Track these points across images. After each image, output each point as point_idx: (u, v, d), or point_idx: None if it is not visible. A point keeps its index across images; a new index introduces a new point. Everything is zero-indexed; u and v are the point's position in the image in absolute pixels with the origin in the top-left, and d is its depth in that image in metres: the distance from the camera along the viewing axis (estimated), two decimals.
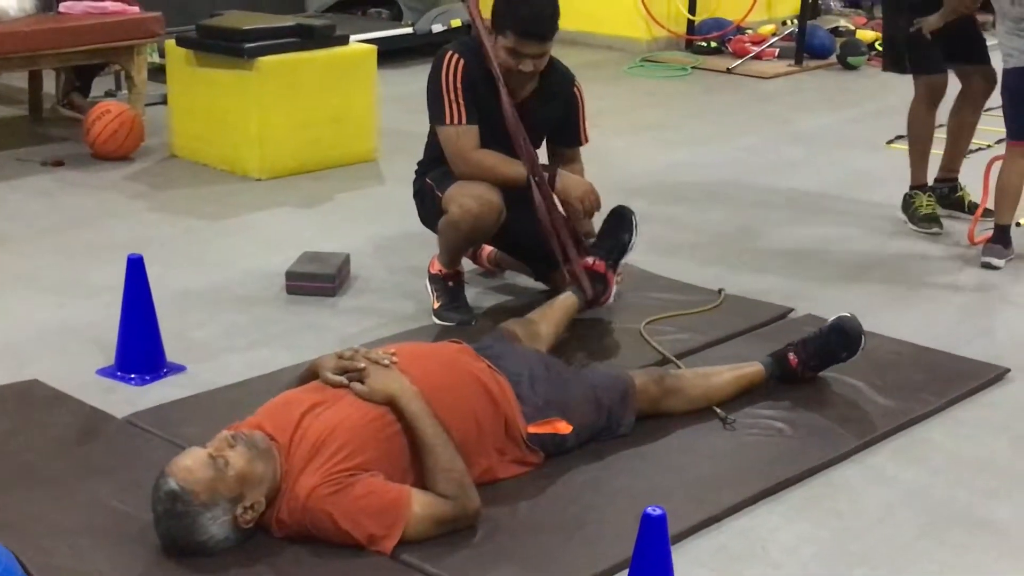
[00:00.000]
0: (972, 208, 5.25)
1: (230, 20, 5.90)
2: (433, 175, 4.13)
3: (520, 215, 4.11)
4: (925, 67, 5.12)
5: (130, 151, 5.99)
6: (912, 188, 5.27)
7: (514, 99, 4.05)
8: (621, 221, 4.14)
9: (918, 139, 5.25)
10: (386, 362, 3.00)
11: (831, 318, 3.68)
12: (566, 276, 4.05)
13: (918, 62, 5.12)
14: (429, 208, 4.15)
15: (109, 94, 7.00)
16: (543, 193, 3.98)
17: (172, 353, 3.79)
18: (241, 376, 3.66)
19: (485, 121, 4.00)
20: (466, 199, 3.93)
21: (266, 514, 2.78)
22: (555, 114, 4.15)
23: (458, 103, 3.97)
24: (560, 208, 4.07)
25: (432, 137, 4.15)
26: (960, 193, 5.37)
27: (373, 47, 6.13)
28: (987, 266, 4.75)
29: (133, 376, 3.66)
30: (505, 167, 3.99)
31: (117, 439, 3.28)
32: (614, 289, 4.11)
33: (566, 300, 3.95)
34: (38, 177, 5.70)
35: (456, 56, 4.01)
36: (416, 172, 4.28)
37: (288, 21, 5.92)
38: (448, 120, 3.98)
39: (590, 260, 4.05)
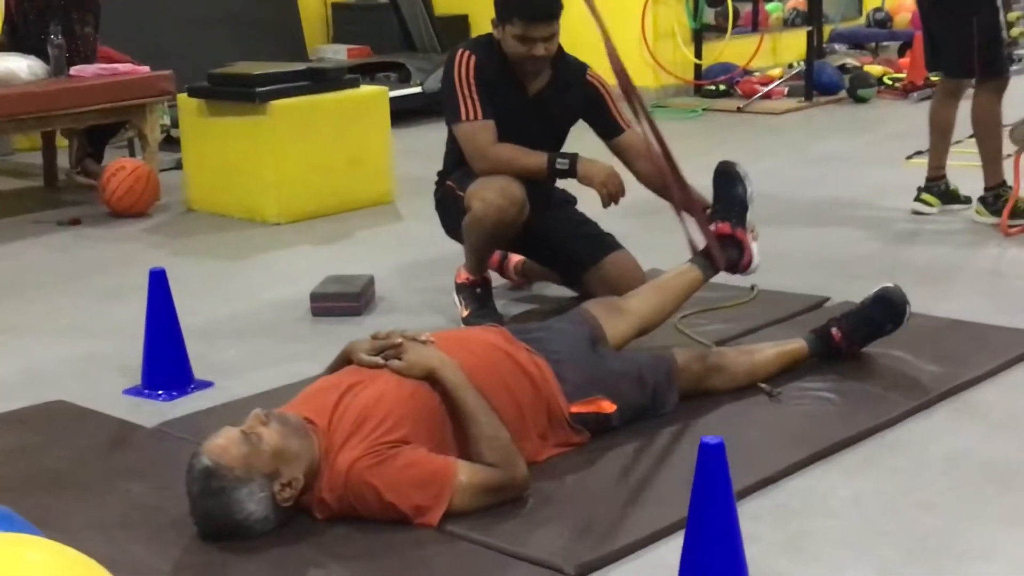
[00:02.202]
0: (968, 200, 5.37)
1: (241, 68, 5.90)
2: (453, 177, 4.08)
3: (545, 216, 4.05)
4: (999, 68, 5.15)
5: (147, 207, 5.96)
6: (992, 187, 5.21)
7: (527, 92, 4.01)
8: (728, 177, 3.82)
9: (995, 136, 5.21)
10: (423, 338, 2.92)
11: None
12: (696, 246, 3.77)
13: (991, 65, 5.12)
14: (452, 211, 4.08)
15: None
16: (667, 156, 3.80)
17: (199, 372, 3.71)
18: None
19: (501, 116, 3.95)
20: (488, 193, 3.87)
21: (306, 496, 2.68)
22: (574, 104, 4.08)
23: (473, 99, 3.92)
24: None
25: (451, 143, 4.11)
26: (954, 187, 5.46)
27: (385, 88, 6.14)
28: None
29: (160, 392, 3.58)
30: (525, 158, 3.93)
31: (148, 445, 3.20)
32: (755, 247, 3.77)
33: (683, 273, 3.66)
34: (55, 235, 5.67)
35: (468, 53, 3.97)
36: (436, 182, 4.23)
37: (299, 66, 5.91)
38: (464, 116, 3.93)
39: (712, 226, 3.73)
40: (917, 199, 5.46)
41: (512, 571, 2.49)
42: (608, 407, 3.09)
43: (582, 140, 4.23)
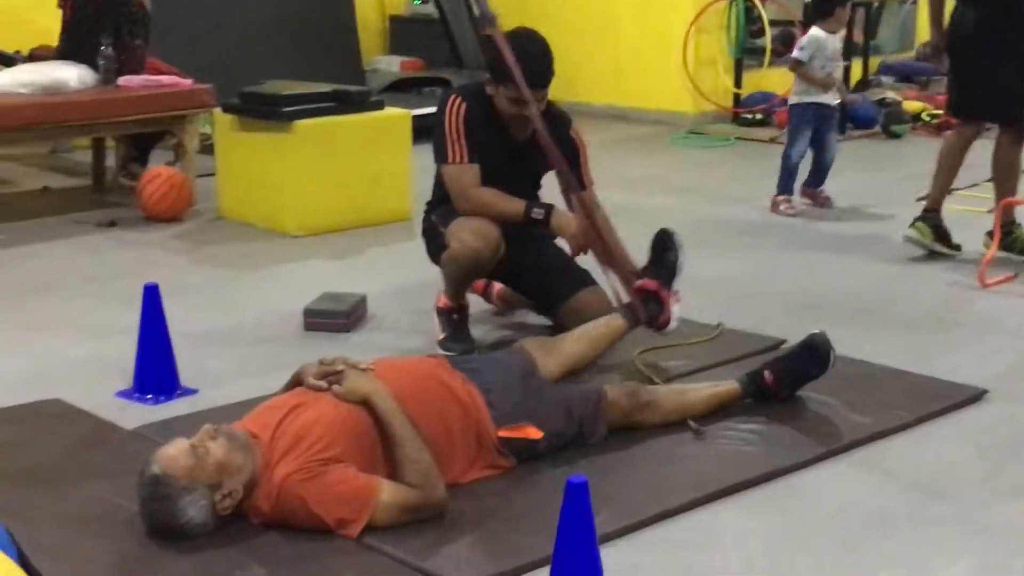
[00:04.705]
0: (957, 247, 5.66)
1: (271, 87, 6.25)
2: (438, 213, 4.39)
3: (522, 251, 4.33)
4: None
5: (180, 213, 6.34)
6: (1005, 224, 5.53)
7: (513, 140, 4.29)
8: (663, 242, 4.20)
9: (1016, 176, 5.65)
10: (363, 367, 3.23)
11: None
12: (621, 299, 4.14)
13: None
14: (433, 243, 4.40)
15: (169, 165, 7.37)
16: (589, 219, 4.15)
17: (188, 380, 4.04)
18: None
19: (486, 161, 4.24)
20: (465, 234, 4.17)
21: (245, 503, 3.00)
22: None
23: (460, 143, 4.22)
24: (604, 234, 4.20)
25: (439, 178, 4.41)
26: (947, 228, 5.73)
27: (408, 112, 6.45)
28: None
29: (149, 397, 3.92)
30: (503, 203, 4.22)
31: (123, 446, 3.52)
32: (674, 309, 4.15)
33: (609, 321, 4.06)
34: (91, 236, 6.06)
35: (459, 99, 4.27)
36: (424, 212, 4.54)
37: (325, 88, 6.25)
38: (450, 159, 4.23)
39: (639, 282, 4.12)
40: (911, 226, 5.69)
41: None
42: (535, 433, 3.37)
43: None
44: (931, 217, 5.71)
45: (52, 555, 2.79)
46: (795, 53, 6.71)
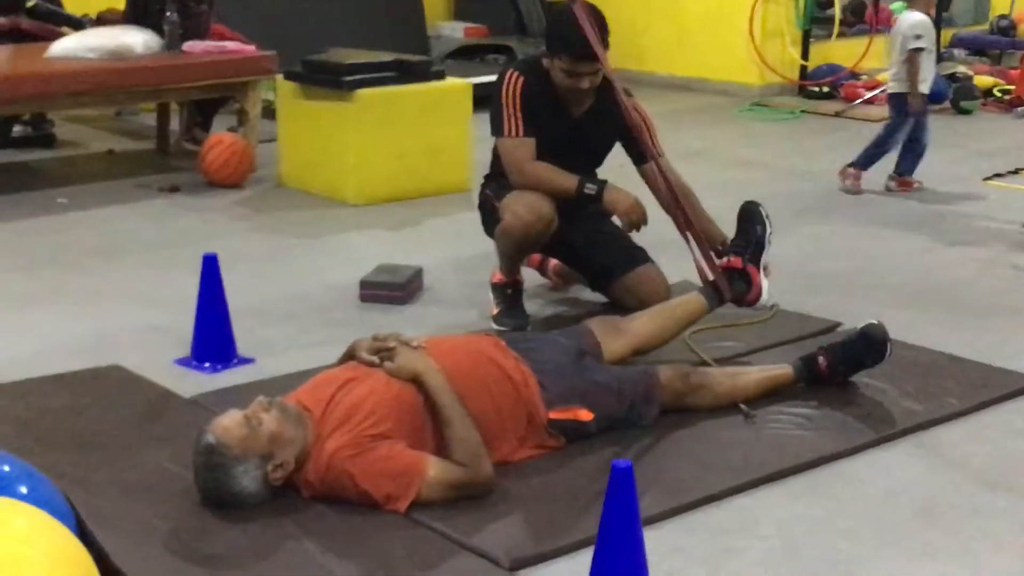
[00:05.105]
0: None
1: (334, 56, 6.29)
2: (493, 186, 4.41)
3: (577, 227, 4.34)
4: None
5: (241, 179, 6.40)
6: None
7: (570, 116, 4.29)
8: (750, 216, 4.11)
9: None
10: (415, 344, 3.26)
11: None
12: (705, 277, 4.04)
13: None
14: (488, 216, 4.43)
15: (232, 130, 7.43)
16: (672, 195, 4.10)
17: (245, 349, 4.10)
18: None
19: (542, 135, 4.24)
20: (518, 207, 4.18)
21: (296, 476, 3.05)
22: (613, 129, 4.33)
23: (516, 117, 4.22)
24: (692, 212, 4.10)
25: (495, 151, 4.42)
26: None
27: (468, 83, 6.46)
28: None
29: (207, 365, 3.99)
30: (557, 178, 4.22)
31: (181, 414, 3.59)
32: (764, 284, 4.06)
33: (688, 301, 4.00)
34: (154, 201, 6.15)
35: (517, 74, 4.27)
36: (481, 185, 4.56)
37: (387, 57, 6.27)
38: (506, 132, 4.24)
39: (725, 259, 4.05)
40: None
41: (456, 558, 2.82)
42: (585, 415, 3.39)
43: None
44: None
45: (108, 522, 2.85)
46: (916, 42, 6.31)
